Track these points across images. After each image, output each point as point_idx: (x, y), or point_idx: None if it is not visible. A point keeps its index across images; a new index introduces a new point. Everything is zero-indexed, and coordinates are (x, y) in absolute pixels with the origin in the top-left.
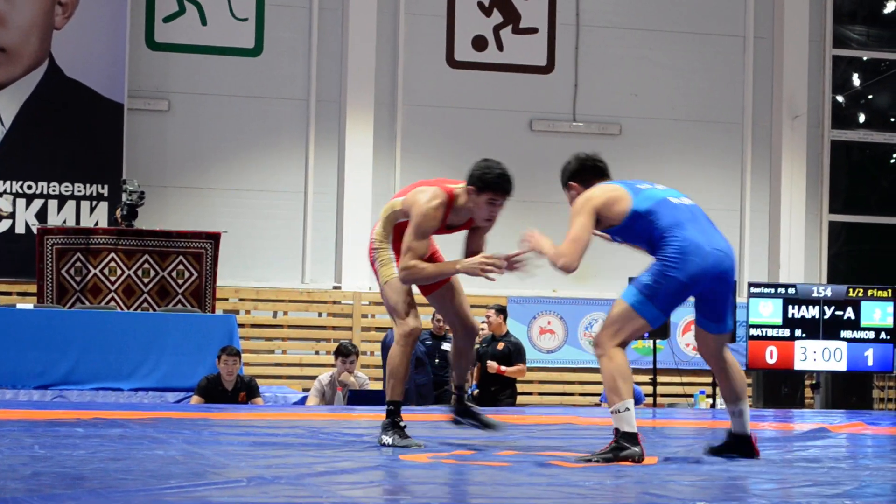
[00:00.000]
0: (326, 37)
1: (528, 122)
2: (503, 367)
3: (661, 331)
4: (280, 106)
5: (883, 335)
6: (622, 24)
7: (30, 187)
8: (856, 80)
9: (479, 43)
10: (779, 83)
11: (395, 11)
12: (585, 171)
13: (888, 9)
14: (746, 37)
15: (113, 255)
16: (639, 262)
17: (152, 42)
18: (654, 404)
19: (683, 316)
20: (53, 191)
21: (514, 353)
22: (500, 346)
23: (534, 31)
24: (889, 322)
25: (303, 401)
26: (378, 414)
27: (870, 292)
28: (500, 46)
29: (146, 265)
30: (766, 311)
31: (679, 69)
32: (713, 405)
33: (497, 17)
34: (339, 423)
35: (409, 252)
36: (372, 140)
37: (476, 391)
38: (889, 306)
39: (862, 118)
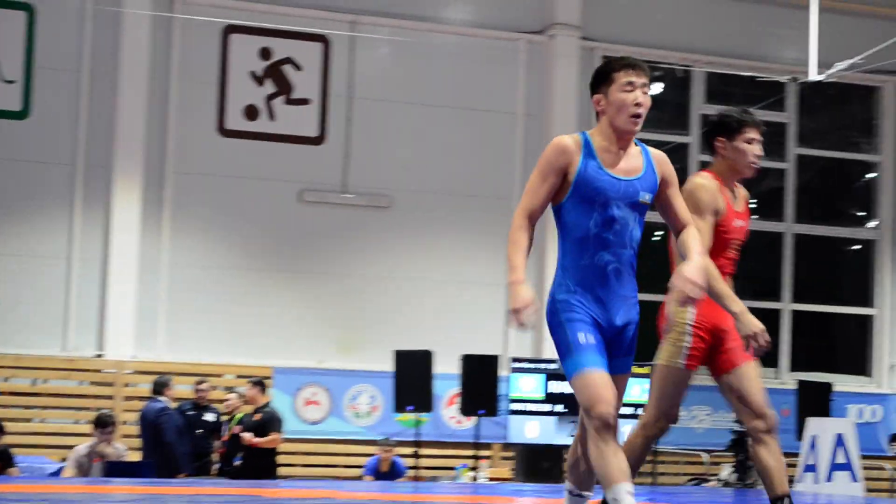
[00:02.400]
0: (96, 101)
1: (299, 193)
2: (255, 439)
3: (424, 403)
4: (46, 170)
5: (641, 411)
6: (395, 98)
7: None
8: None
9: (251, 112)
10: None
11: (167, 78)
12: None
13: (654, 90)
14: (517, 113)
15: None
16: (403, 334)
17: None
18: (416, 478)
19: (447, 389)
20: None
21: (269, 423)
22: (257, 416)
23: (306, 101)
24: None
25: (59, 472)
26: (133, 486)
27: None
28: (271, 116)
29: None
30: (528, 386)
31: (451, 144)
32: (475, 479)
33: (270, 86)
34: (93, 496)
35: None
36: (140, 207)
37: (239, 462)
38: (646, 382)
39: None
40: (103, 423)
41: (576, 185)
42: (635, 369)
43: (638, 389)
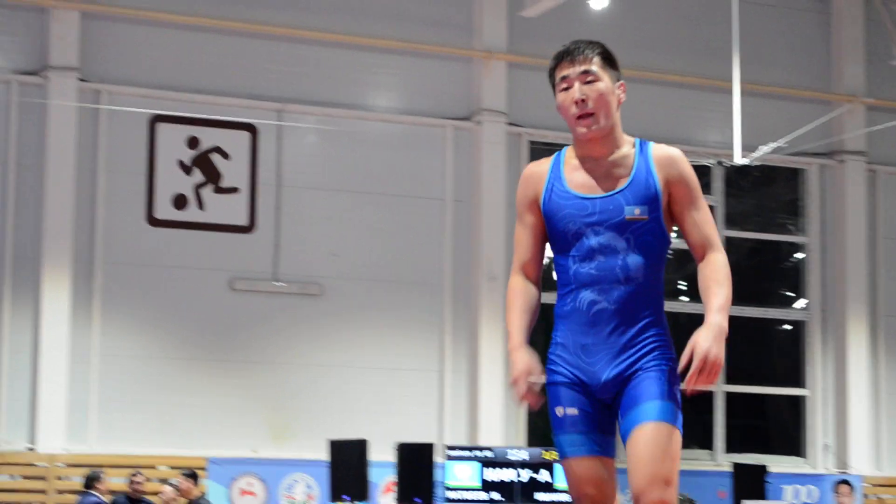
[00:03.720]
0: (24, 192)
1: (229, 281)
2: None
3: (360, 492)
4: None
5: None
6: (323, 185)
7: None
8: None
9: (180, 201)
10: (476, 245)
11: (94, 167)
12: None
13: None
14: (446, 200)
15: None
16: (338, 422)
17: None
18: None
19: (383, 477)
20: None
21: None
22: None
23: (235, 190)
24: None
25: None
26: None
27: None
28: (201, 205)
29: None
30: (464, 475)
31: (380, 230)
32: None
33: (198, 175)
34: None
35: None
36: (69, 297)
37: None
38: None
39: None
40: None
41: (545, 217)
42: None
43: None
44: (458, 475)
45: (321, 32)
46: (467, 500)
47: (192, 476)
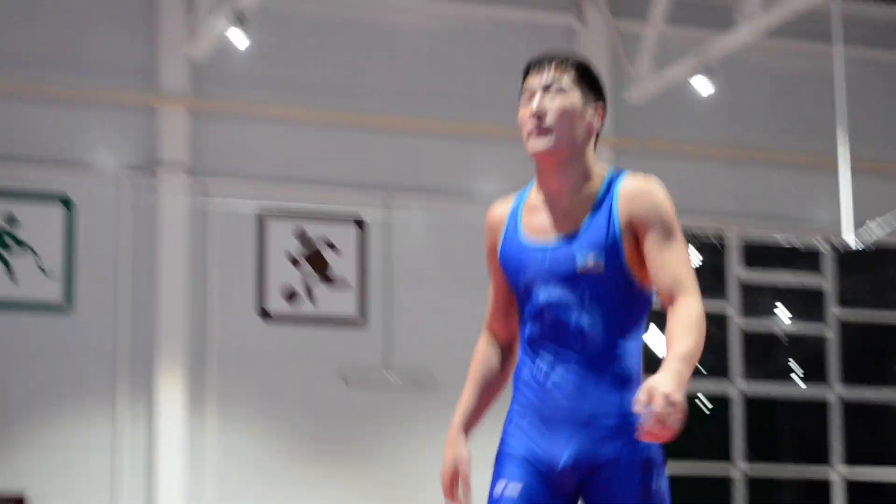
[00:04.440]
0: (136, 291)
1: (342, 374)
2: None
3: None
4: (88, 362)
5: None
6: (433, 275)
7: None
8: None
9: (290, 295)
10: None
11: (205, 263)
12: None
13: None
14: None
15: None
16: None
17: None
18: None
19: None
20: None
21: None
22: None
23: (345, 283)
24: None
25: None
26: None
27: None
28: (311, 298)
29: None
30: None
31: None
32: None
33: (308, 269)
34: None
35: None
36: (184, 395)
37: None
38: None
39: None
40: None
41: (502, 269)
42: None
43: None
44: None
45: (427, 121)
46: None
47: None
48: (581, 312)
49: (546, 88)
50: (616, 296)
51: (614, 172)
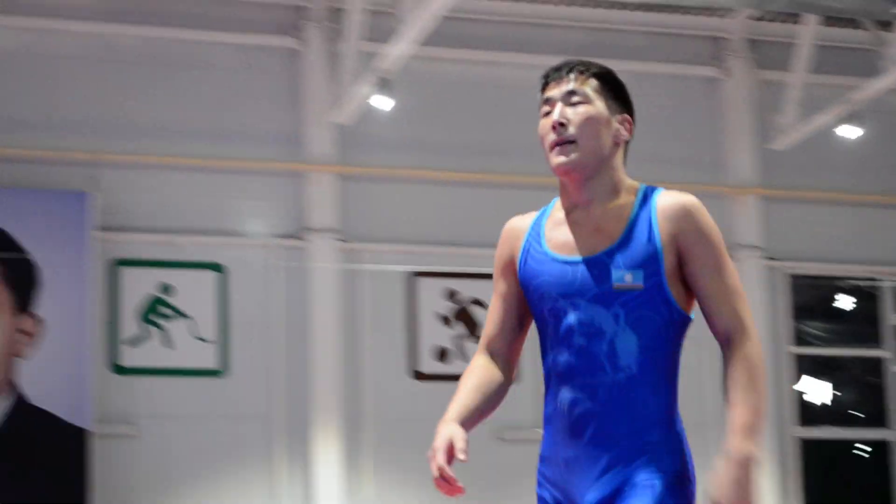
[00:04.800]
0: (290, 354)
1: (496, 431)
2: None
3: None
4: (244, 425)
5: None
6: None
7: None
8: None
9: (443, 354)
10: None
11: (357, 325)
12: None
13: (840, 303)
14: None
15: None
16: None
17: (117, 366)
18: None
19: None
20: None
21: None
22: None
23: None
24: None
25: None
26: None
27: None
28: (463, 357)
29: None
30: None
31: None
32: None
33: (459, 328)
34: None
35: None
36: (340, 455)
37: None
38: None
39: (827, 416)
40: None
41: (522, 287)
42: None
43: None
44: None
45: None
46: None
47: None
48: (614, 336)
49: (567, 97)
50: (653, 317)
51: (647, 188)
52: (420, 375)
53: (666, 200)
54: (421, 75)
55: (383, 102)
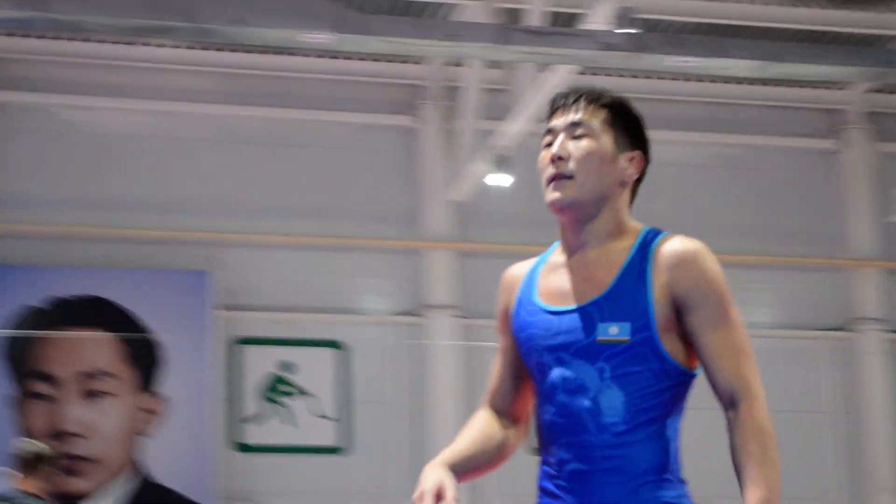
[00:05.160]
0: (412, 431)
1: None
2: None
3: None
4: (366, 502)
5: None
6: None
7: None
8: None
9: None
10: (862, 458)
11: (475, 403)
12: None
13: None
14: (825, 412)
15: None
16: None
17: (239, 444)
18: None
19: None
20: None
21: None
22: None
23: None
24: None
25: None
26: None
27: None
28: None
29: None
30: None
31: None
32: None
33: None
34: None
35: None
36: None
37: None
38: None
39: None
40: None
41: (515, 340)
42: None
43: None
44: None
45: None
46: None
47: None
48: (598, 393)
49: (571, 129)
50: (642, 373)
51: (652, 232)
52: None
53: (666, 247)
54: (537, 151)
55: (500, 179)
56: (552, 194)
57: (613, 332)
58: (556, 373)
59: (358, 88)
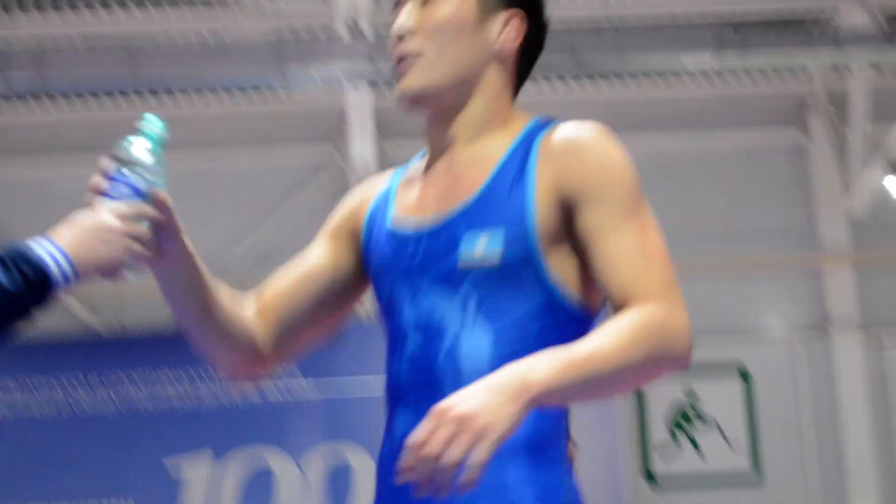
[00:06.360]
0: (823, 456)
1: None
2: None
3: None
4: None
5: None
6: None
7: None
8: None
9: None
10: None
11: (889, 420)
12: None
13: None
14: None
15: None
16: None
17: (649, 473)
18: None
19: None
20: None
21: None
22: None
23: None
24: None
25: None
26: None
27: None
28: None
29: None
30: None
31: None
32: None
33: None
34: None
35: None
36: None
37: None
38: None
39: None
40: None
41: (367, 270)
42: None
43: None
44: None
45: None
46: None
47: None
48: (458, 334)
49: None
50: (519, 306)
51: (541, 120)
52: None
53: (555, 135)
54: None
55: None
56: (397, 86)
57: (482, 243)
58: (408, 309)
59: (743, 104)
